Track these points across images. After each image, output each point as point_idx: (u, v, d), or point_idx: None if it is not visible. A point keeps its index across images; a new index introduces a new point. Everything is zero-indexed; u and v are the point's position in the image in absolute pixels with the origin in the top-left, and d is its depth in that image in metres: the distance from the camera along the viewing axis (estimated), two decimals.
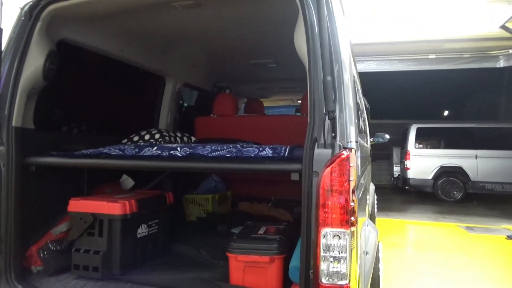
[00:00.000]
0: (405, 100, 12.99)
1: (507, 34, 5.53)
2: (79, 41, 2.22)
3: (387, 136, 5.55)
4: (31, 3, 1.90)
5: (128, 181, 2.44)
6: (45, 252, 1.91)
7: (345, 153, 1.44)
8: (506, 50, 6.80)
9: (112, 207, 1.89)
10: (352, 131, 1.55)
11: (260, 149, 1.77)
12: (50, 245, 1.93)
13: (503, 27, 5.55)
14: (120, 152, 1.90)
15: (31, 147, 1.92)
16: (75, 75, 2.56)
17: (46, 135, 2.06)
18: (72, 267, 1.88)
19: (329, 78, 1.44)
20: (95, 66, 2.70)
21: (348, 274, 1.42)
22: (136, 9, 2.09)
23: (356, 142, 1.64)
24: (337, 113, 1.47)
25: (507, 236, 5.68)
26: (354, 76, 2.49)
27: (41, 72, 1.94)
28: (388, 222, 6.60)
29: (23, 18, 1.89)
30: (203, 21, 2.35)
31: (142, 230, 2.02)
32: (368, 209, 2.92)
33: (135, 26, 2.36)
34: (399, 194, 10.58)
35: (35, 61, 1.92)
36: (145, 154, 1.85)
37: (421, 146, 9.70)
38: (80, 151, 1.99)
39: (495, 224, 6.75)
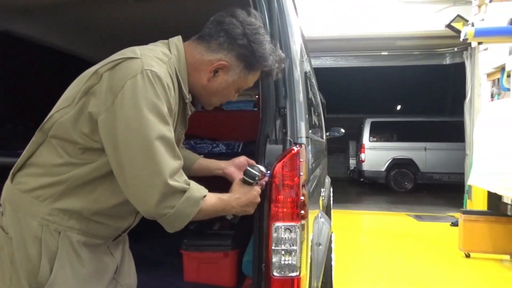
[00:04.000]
0: (361, 95, 13.44)
1: (452, 33, 5.85)
2: (22, 33, 2.11)
3: (343, 131, 5.71)
4: None
5: None
6: None
7: (295, 148, 1.48)
8: (451, 48, 7.18)
9: None
10: (302, 127, 1.58)
11: (214, 145, 1.78)
12: None
13: (449, 26, 5.86)
14: None
15: None
16: (19, 69, 2.43)
17: None
18: None
19: (279, 75, 1.47)
20: (41, 60, 2.58)
21: (299, 266, 1.46)
22: (83, 1, 2.01)
23: (307, 137, 1.69)
24: (288, 109, 1.50)
25: (452, 223, 6.06)
26: (307, 72, 2.55)
27: None
28: (344, 214, 6.84)
29: None
30: (155, 15, 2.30)
31: None
32: (322, 201, 3.01)
33: (83, 18, 2.27)
34: (355, 186, 10.96)
35: None
36: None
37: (375, 139, 10.09)
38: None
39: (441, 212, 7.19)
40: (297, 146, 1.49)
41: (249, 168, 1.19)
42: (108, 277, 1.15)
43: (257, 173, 1.19)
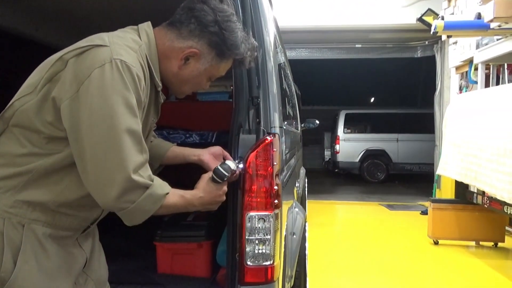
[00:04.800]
0: (335, 87, 13.61)
1: (424, 27, 5.98)
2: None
3: (317, 122, 5.77)
4: None
5: None
6: None
7: (268, 138, 1.48)
8: (423, 42, 7.37)
9: None
10: (276, 117, 1.59)
11: (187, 135, 1.76)
12: None
13: (420, 19, 5.99)
14: None
15: None
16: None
17: None
18: None
19: (252, 65, 1.46)
20: (7, 48, 2.47)
21: (273, 254, 1.48)
22: None
23: (281, 127, 1.70)
24: (261, 99, 1.50)
25: (421, 212, 6.27)
26: (282, 63, 2.55)
27: None
28: (319, 204, 6.95)
29: None
30: (125, 1, 2.24)
31: None
32: (297, 192, 3.04)
33: (50, 5, 2.19)
34: (330, 177, 11.15)
35: None
36: None
37: (349, 131, 10.26)
38: None
39: (412, 201, 7.42)
40: (271, 136, 1.49)
41: (219, 168, 1.17)
42: (77, 270, 1.12)
43: (226, 173, 1.17)
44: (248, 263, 1.46)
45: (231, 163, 1.22)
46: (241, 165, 1.33)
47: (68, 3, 2.24)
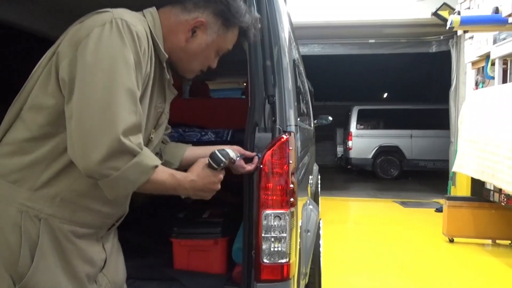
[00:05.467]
0: (348, 82, 13.47)
1: (439, 21, 5.88)
2: (5, 19, 2.05)
3: (330, 118, 5.75)
4: None
5: None
6: None
7: (284, 136, 1.48)
8: (438, 36, 7.24)
9: None
10: (291, 115, 1.59)
11: (203, 133, 1.77)
12: None
13: (435, 14, 5.89)
14: None
15: None
16: (4, 56, 2.37)
17: None
18: None
19: (268, 63, 1.47)
20: (25, 46, 2.51)
21: (288, 252, 1.48)
22: None
23: (296, 125, 1.69)
24: (276, 97, 1.50)
25: (436, 209, 6.19)
26: (296, 60, 2.54)
27: None
28: (332, 200, 6.92)
29: None
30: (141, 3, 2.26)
31: None
32: (310, 188, 3.04)
33: (66, 4, 2.22)
34: (342, 173, 11.08)
35: None
36: None
37: (362, 127, 10.17)
38: None
39: (426, 199, 7.33)
40: (286, 134, 1.50)
41: (217, 152, 1.11)
42: (95, 269, 1.09)
43: (223, 158, 1.11)
44: (265, 260, 1.47)
45: (230, 151, 1.17)
46: (238, 157, 1.26)
47: (83, 2, 2.27)
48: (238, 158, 1.23)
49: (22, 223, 0.97)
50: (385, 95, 15.19)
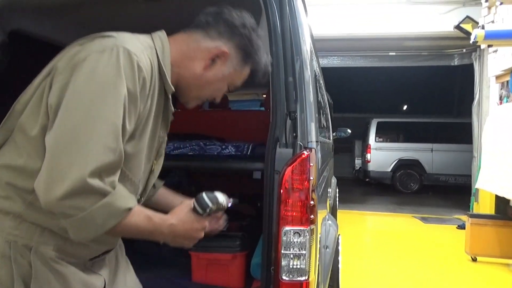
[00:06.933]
0: (367, 95, 13.38)
1: (461, 34, 5.80)
2: (33, 32, 2.12)
3: (349, 131, 5.71)
4: None
5: None
6: None
7: (305, 152, 1.48)
8: (460, 49, 7.13)
9: None
10: (313, 131, 1.58)
11: (223, 146, 1.78)
12: None
13: (458, 27, 5.81)
14: None
15: None
16: (30, 68, 2.45)
17: None
18: None
19: (290, 79, 1.47)
20: (51, 58, 2.59)
21: (308, 270, 1.47)
22: (93, 2, 2.02)
23: (317, 141, 1.69)
24: (298, 113, 1.49)
25: (458, 226, 6.02)
26: (316, 73, 2.54)
27: None
28: (349, 214, 6.82)
29: None
30: (165, 15, 2.30)
31: None
32: (329, 202, 3.01)
33: (92, 18, 2.28)
34: (360, 186, 10.93)
35: None
36: None
37: (381, 139, 10.04)
38: None
39: (447, 215, 7.14)
40: (307, 150, 1.49)
41: (204, 195, 0.99)
42: None
43: (209, 203, 0.98)
44: (284, 277, 1.45)
45: (220, 195, 1.03)
46: (230, 203, 1.10)
47: (109, 15, 2.33)
48: (229, 205, 1.08)
49: (12, 254, 0.89)
50: (405, 107, 15.00)
